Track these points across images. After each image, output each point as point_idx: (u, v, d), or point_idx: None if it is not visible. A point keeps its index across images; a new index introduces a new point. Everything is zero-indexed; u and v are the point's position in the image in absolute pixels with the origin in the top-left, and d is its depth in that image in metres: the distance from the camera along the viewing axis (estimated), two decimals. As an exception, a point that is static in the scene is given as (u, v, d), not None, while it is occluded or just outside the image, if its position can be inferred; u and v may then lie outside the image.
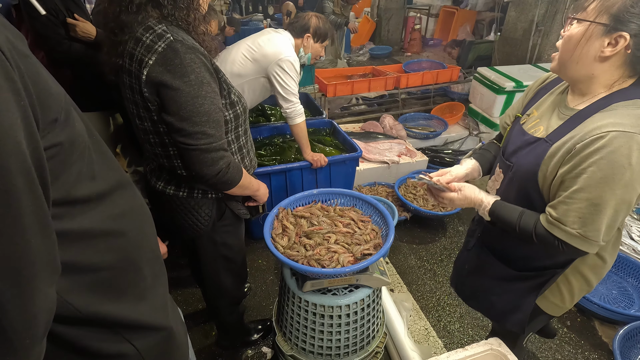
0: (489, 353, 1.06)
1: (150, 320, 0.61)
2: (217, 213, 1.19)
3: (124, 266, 0.57)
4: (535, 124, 0.98)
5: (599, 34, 0.78)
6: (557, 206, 0.84)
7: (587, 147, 0.78)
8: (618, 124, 0.76)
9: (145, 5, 0.91)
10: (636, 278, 2.05)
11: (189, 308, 1.94)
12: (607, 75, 0.82)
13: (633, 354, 1.70)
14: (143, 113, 0.98)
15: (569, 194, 0.82)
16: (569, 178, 0.82)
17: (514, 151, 0.99)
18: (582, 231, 0.81)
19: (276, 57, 1.85)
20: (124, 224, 0.56)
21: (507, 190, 1.01)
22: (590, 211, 0.79)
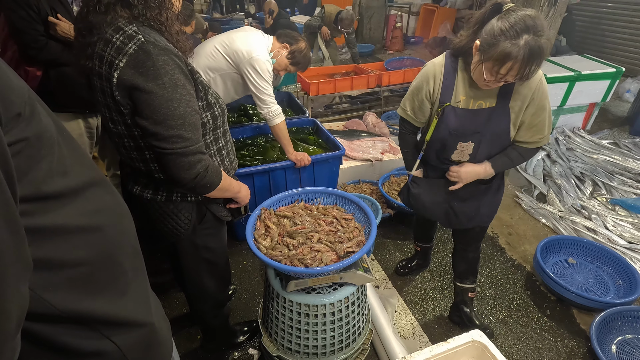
0: (470, 345, 1.08)
1: (131, 316, 0.60)
2: (197, 216, 1.16)
3: (103, 262, 0.56)
4: (473, 102, 1.31)
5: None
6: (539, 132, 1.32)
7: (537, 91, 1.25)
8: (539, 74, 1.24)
9: (114, 5, 0.87)
10: (611, 266, 2.13)
11: (173, 312, 1.91)
12: None
13: (609, 339, 1.76)
14: (116, 116, 0.95)
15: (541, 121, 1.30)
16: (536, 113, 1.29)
17: (476, 125, 1.32)
18: (550, 131, 1.33)
19: (248, 55, 1.83)
20: (100, 220, 0.55)
21: (483, 148, 1.38)
22: (549, 119, 1.32)
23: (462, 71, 1.32)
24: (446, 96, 1.34)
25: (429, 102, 1.41)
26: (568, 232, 2.49)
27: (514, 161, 1.39)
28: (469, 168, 1.41)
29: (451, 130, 1.36)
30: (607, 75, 3.52)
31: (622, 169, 3.12)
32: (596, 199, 2.81)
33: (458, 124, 1.34)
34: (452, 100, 1.34)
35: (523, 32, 1.04)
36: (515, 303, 2.01)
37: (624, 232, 2.44)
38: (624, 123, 4.12)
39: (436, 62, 1.37)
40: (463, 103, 1.33)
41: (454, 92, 1.33)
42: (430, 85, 1.37)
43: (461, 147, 1.39)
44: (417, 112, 1.47)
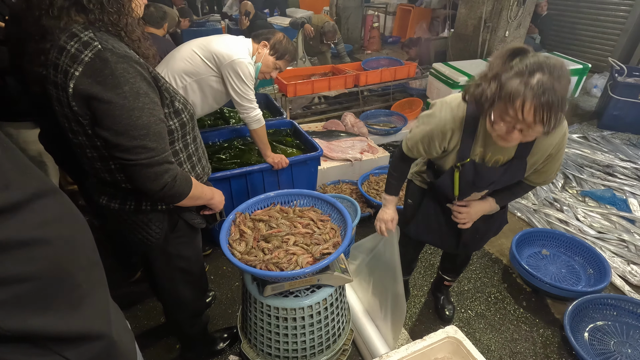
0: (446, 341, 1.10)
1: (85, 329, 0.57)
2: (169, 225, 1.13)
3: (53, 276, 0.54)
4: (490, 157, 1.24)
5: None
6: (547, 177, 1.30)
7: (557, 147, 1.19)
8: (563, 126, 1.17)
9: (67, 9, 0.83)
10: (582, 256, 2.20)
11: (151, 322, 1.86)
12: None
13: (581, 327, 1.82)
14: (75, 127, 0.91)
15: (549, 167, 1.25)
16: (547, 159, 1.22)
17: (490, 179, 1.27)
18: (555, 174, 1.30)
19: (229, 57, 1.78)
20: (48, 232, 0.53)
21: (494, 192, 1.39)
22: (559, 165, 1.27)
23: (481, 126, 1.18)
24: (465, 151, 1.23)
25: (441, 150, 1.29)
26: (542, 224, 2.57)
27: (516, 194, 1.39)
28: (477, 207, 1.37)
29: (467, 181, 1.30)
30: (574, 71, 3.65)
31: (591, 162, 3.24)
32: (567, 192, 2.91)
33: (476, 177, 1.27)
34: (470, 154, 1.24)
35: (536, 71, 0.91)
36: (493, 296, 2.06)
37: (593, 222, 2.53)
38: (592, 117, 4.29)
39: (455, 114, 1.18)
40: (479, 156, 1.24)
41: (472, 146, 1.22)
42: (447, 138, 1.23)
43: (473, 195, 1.37)
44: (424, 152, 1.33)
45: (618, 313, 1.84)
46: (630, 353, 1.70)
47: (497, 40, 4.03)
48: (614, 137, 3.72)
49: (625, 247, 2.33)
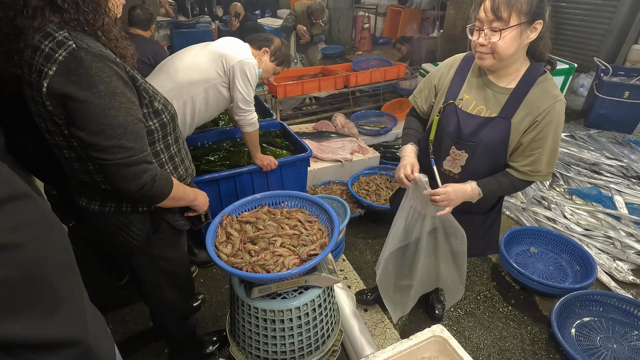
0: (432, 340, 1.10)
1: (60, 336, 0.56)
2: (151, 227, 1.12)
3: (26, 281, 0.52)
4: (474, 105, 1.22)
5: (525, 28, 1.05)
6: (534, 163, 1.17)
7: (545, 118, 1.11)
8: (553, 96, 1.11)
9: (42, 9, 0.82)
10: (569, 254, 2.23)
11: (139, 326, 1.84)
12: (522, 57, 1.14)
13: (568, 323, 1.84)
14: (51, 127, 0.90)
15: (539, 153, 1.14)
16: (536, 140, 1.14)
17: (472, 132, 1.22)
18: (548, 171, 1.18)
19: (237, 57, 1.74)
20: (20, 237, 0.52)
21: (476, 162, 1.26)
22: (551, 157, 1.16)
23: (473, 70, 1.25)
24: (452, 92, 1.27)
25: (435, 92, 1.35)
26: (530, 222, 2.59)
27: (503, 189, 1.24)
28: (457, 187, 1.22)
29: (448, 131, 1.27)
30: (561, 71, 3.70)
31: (578, 160, 3.29)
32: (555, 190, 2.95)
33: (455, 125, 1.24)
34: (456, 98, 1.26)
35: None
36: (482, 294, 2.08)
37: (580, 220, 2.57)
38: (579, 116, 4.35)
39: (454, 59, 1.32)
40: (465, 103, 1.24)
41: (461, 90, 1.26)
42: (440, 76, 1.32)
43: (454, 155, 1.29)
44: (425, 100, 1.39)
45: (604, 309, 1.87)
46: (615, 348, 1.73)
47: (485, 40, 4.08)
48: (600, 136, 3.78)
49: (611, 243, 2.37)
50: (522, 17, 1.02)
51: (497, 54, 1.08)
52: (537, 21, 1.04)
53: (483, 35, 1.07)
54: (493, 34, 1.05)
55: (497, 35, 1.04)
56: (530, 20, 1.03)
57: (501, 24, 1.03)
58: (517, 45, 1.06)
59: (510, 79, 1.16)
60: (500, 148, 1.20)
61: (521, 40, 1.06)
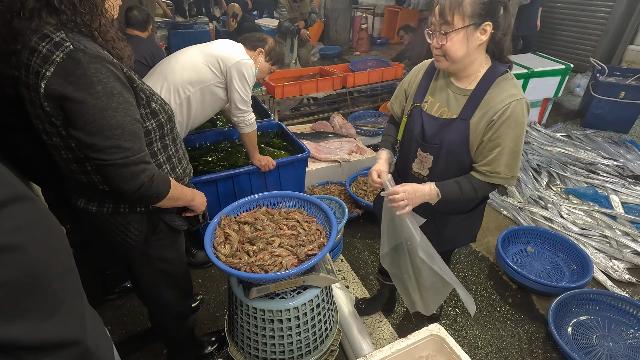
0: (429, 339, 1.11)
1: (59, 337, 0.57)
2: (149, 227, 1.12)
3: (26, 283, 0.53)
4: (438, 107, 1.23)
5: (473, 30, 1.05)
6: (492, 163, 1.13)
7: (501, 117, 1.09)
8: (511, 95, 1.09)
9: (39, 10, 0.83)
10: (566, 253, 2.24)
11: (137, 327, 1.84)
12: (480, 58, 1.13)
13: (565, 322, 1.86)
14: (49, 128, 0.90)
15: (496, 153, 1.12)
16: (493, 140, 1.12)
17: (434, 134, 1.22)
18: (510, 174, 1.14)
19: (233, 59, 1.75)
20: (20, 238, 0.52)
21: (441, 164, 1.24)
22: (512, 158, 1.13)
23: (438, 74, 1.27)
24: (419, 95, 1.29)
25: (405, 96, 1.38)
26: (527, 222, 2.61)
27: (463, 192, 1.19)
28: (415, 186, 1.19)
29: (414, 134, 1.28)
30: (557, 71, 3.72)
31: (574, 160, 3.31)
32: (552, 189, 2.96)
33: (420, 127, 1.26)
34: (422, 101, 1.28)
35: None
36: (480, 294, 2.09)
37: (577, 219, 2.59)
38: (575, 116, 4.38)
39: (423, 64, 1.35)
40: (429, 105, 1.25)
41: (427, 93, 1.28)
42: (410, 81, 1.35)
43: (421, 157, 1.29)
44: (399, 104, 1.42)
45: (600, 308, 1.88)
46: (611, 346, 1.74)
47: (482, 41, 4.10)
48: (596, 136, 3.81)
49: (607, 243, 2.39)
50: (467, 20, 1.03)
51: (448, 57, 1.10)
52: (485, 23, 1.04)
53: (435, 38, 1.10)
54: (442, 37, 1.08)
55: (445, 38, 1.07)
56: (478, 22, 1.04)
57: (448, 27, 1.05)
58: (466, 47, 1.07)
59: (470, 80, 1.17)
60: (462, 150, 1.19)
61: (470, 42, 1.06)
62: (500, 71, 1.13)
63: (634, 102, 3.73)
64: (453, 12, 1.03)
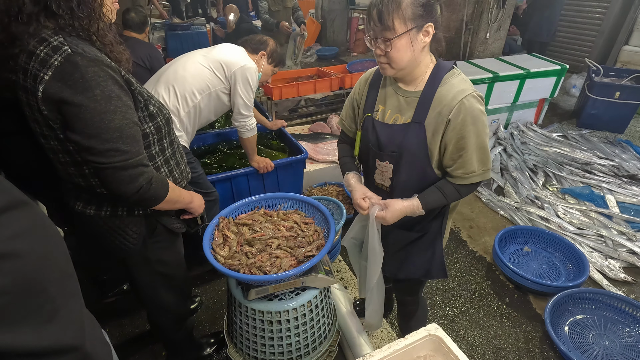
0: (427, 339, 1.11)
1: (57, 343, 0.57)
2: (147, 230, 1.12)
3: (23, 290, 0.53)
4: (390, 114, 1.18)
5: (416, 33, 1.01)
6: (464, 165, 1.10)
7: (457, 117, 1.05)
8: (461, 91, 1.05)
9: (37, 15, 0.83)
10: (562, 252, 2.26)
11: (136, 330, 1.84)
12: (425, 59, 1.10)
13: (562, 321, 1.87)
14: (47, 131, 0.91)
15: (466, 152, 1.08)
16: (458, 139, 1.07)
17: (390, 142, 1.17)
18: (485, 167, 1.12)
19: (237, 63, 1.75)
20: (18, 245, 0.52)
21: (402, 172, 1.19)
22: (482, 152, 1.09)
23: (385, 80, 1.21)
24: (369, 105, 1.23)
25: (357, 109, 1.31)
26: (524, 222, 2.63)
27: (448, 197, 1.15)
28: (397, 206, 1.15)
29: (370, 144, 1.23)
30: (553, 72, 3.75)
31: (570, 160, 3.33)
32: (548, 189, 2.98)
33: (375, 137, 1.20)
34: (372, 110, 1.22)
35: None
36: (477, 293, 2.10)
37: (573, 219, 2.61)
38: (571, 116, 4.41)
39: (368, 73, 1.29)
40: (380, 114, 1.20)
41: (376, 102, 1.22)
42: (358, 93, 1.29)
43: (380, 167, 1.23)
44: (350, 120, 1.34)
45: (596, 306, 1.90)
46: (607, 345, 1.76)
47: (479, 42, 4.12)
48: (592, 136, 3.83)
49: (603, 242, 2.41)
50: (408, 24, 0.99)
51: (394, 64, 1.05)
52: (427, 24, 1.00)
53: (377, 45, 1.05)
54: (385, 44, 1.02)
55: (388, 45, 1.01)
56: (420, 24, 0.99)
57: (389, 32, 1.00)
58: (411, 52, 1.03)
59: (418, 82, 1.12)
60: (421, 154, 1.13)
61: (414, 46, 1.02)
62: (447, 68, 1.10)
63: (629, 102, 3.77)
64: (393, 16, 0.97)
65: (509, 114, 3.87)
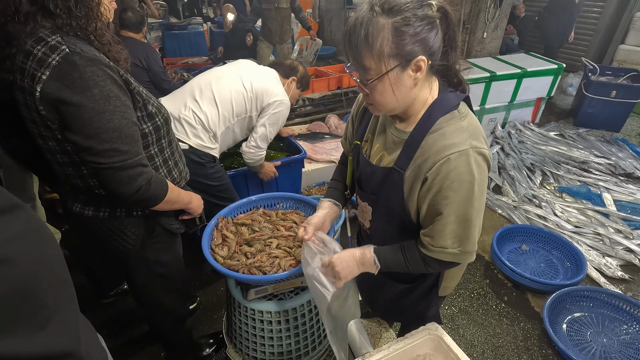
0: (427, 338, 1.12)
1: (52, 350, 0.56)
2: (145, 231, 1.12)
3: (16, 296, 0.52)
4: (377, 150, 0.98)
5: (402, 71, 0.78)
6: (434, 235, 0.87)
7: (436, 175, 0.81)
8: (451, 146, 0.80)
9: (34, 14, 0.82)
10: (560, 250, 2.27)
11: (135, 330, 1.84)
12: (421, 93, 0.85)
13: (560, 319, 1.88)
14: (45, 132, 0.90)
15: (439, 221, 0.85)
16: (433, 205, 0.85)
17: (369, 183, 1.00)
18: (462, 248, 0.87)
19: (274, 97, 1.79)
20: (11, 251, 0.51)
21: (380, 219, 1.02)
22: (462, 229, 0.84)
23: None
24: (360, 130, 1.05)
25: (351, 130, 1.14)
26: (522, 220, 2.64)
27: (410, 264, 0.94)
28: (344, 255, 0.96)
29: (355, 176, 1.09)
30: (550, 71, 3.77)
31: (567, 159, 3.35)
32: (545, 188, 2.99)
33: (358, 173, 1.05)
34: (362, 139, 1.04)
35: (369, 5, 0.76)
36: (476, 292, 2.11)
37: (570, 217, 2.62)
38: (568, 115, 4.43)
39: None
40: (368, 146, 1.02)
41: (367, 129, 1.03)
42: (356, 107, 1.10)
43: (361, 206, 1.07)
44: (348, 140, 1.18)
45: (594, 304, 1.91)
46: (605, 342, 1.77)
47: (476, 41, 4.13)
48: (589, 134, 3.85)
49: (600, 240, 2.42)
50: (389, 62, 0.76)
51: (379, 106, 0.86)
52: (417, 58, 0.76)
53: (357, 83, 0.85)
54: (363, 84, 0.82)
55: (367, 86, 0.82)
56: (406, 60, 0.76)
57: (365, 74, 0.80)
58: (397, 93, 0.81)
59: (411, 121, 0.89)
60: (398, 207, 0.93)
61: (401, 86, 0.80)
62: (446, 108, 0.84)
63: (625, 101, 3.79)
64: (364, 55, 0.77)
65: (507, 113, 3.89)
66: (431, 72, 0.85)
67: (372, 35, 0.74)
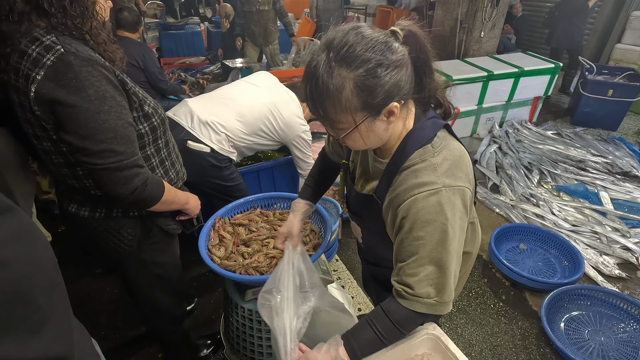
0: (425, 338, 1.11)
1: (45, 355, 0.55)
2: (142, 231, 1.11)
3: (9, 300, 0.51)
4: (360, 174, 0.95)
5: (373, 120, 0.73)
6: (407, 275, 0.78)
7: (406, 213, 0.76)
8: (420, 185, 0.75)
9: (28, 14, 0.81)
10: (557, 249, 2.28)
11: (132, 332, 1.83)
12: (395, 128, 0.80)
13: (558, 317, 1.88)
14: (39, 132, 0.89)
15: (414, 262, 0.77)
16: (406, 245, 0.78)
17: (354, 205, 0.98)
18: (438, 298, 0.79)
19: (295, 132, 1.91)
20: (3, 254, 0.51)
21: (370, 237, 1.01)
22: (438, 275, 0.77)
23: None
24: (347, 150, 1.01)
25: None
26: (519, 219, 2.64)
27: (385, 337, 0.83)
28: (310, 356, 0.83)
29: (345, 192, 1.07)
30: (547, 70, 3.77)
31: (564, 157, 3.35)
32: (543, 187, 3.00)
33: (347, 188, 1.02)
34: (349, 158, 1.00)
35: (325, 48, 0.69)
36: (474, 291, 2.11)
37: (567, 216, 2.62)
38: (565, 114, 4.44)
39: None
40: (354, 167, 0.98)
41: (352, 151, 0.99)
42: None
43: (352, 223, 1.06)
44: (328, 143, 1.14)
45: (592, 303, 1.91)
46: (603, 341, 1.77)
47: (473, 40, 4.13)
48: (586, 133, 3.86)
49: (598, 239, 2.42)
50: (358, 116, 0.71)
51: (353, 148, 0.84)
52: (389, 105, 0.71)
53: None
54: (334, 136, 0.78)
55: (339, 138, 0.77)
56: (376, 110, 0.71)
57: (335, 127, 0.75)
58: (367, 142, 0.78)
59: (387, 153, 0.85)
60: (384, 231, 0.88)
61: (374, 133, 0.75)
62: (421, 141, 0.78)
63: (621, 99, 3.80)
64: (329, 110, 0.71)
65: (504, 112, 3.89)
66: (405, 105, 0.79)
67: (335, 90, 0.67)
